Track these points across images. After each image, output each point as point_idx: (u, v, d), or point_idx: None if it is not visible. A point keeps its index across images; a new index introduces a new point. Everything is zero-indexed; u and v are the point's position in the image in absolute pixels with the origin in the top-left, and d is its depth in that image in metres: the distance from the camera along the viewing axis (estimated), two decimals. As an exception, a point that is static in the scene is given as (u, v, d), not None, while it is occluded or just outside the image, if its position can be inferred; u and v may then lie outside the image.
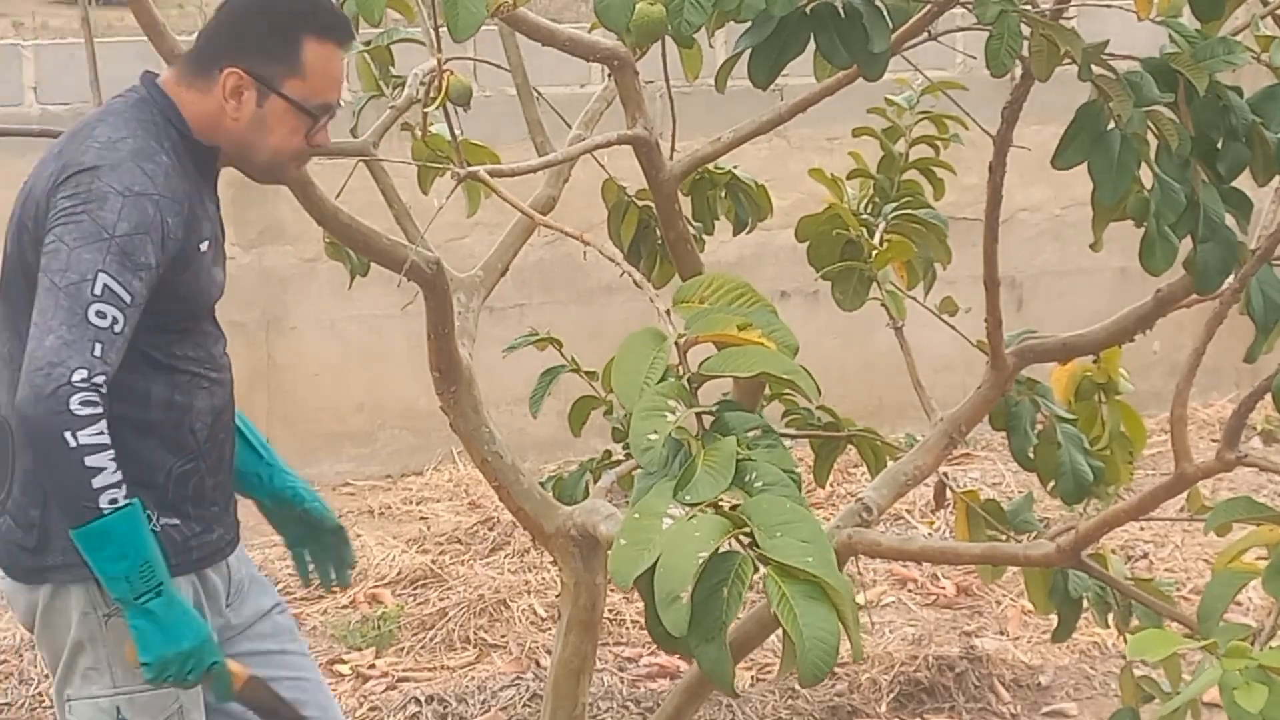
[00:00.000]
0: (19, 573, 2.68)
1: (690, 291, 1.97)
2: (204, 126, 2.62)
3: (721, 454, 1.77)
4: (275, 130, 2.62)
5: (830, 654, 1.64)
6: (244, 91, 2.59)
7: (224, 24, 2.64)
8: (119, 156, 2.51)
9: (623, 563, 1.70)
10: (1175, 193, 2.41)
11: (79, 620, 2.63)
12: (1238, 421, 2.57)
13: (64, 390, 2.39)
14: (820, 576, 1.65)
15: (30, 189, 2.60)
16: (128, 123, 2.58)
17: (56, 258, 2.45)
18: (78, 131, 2.61)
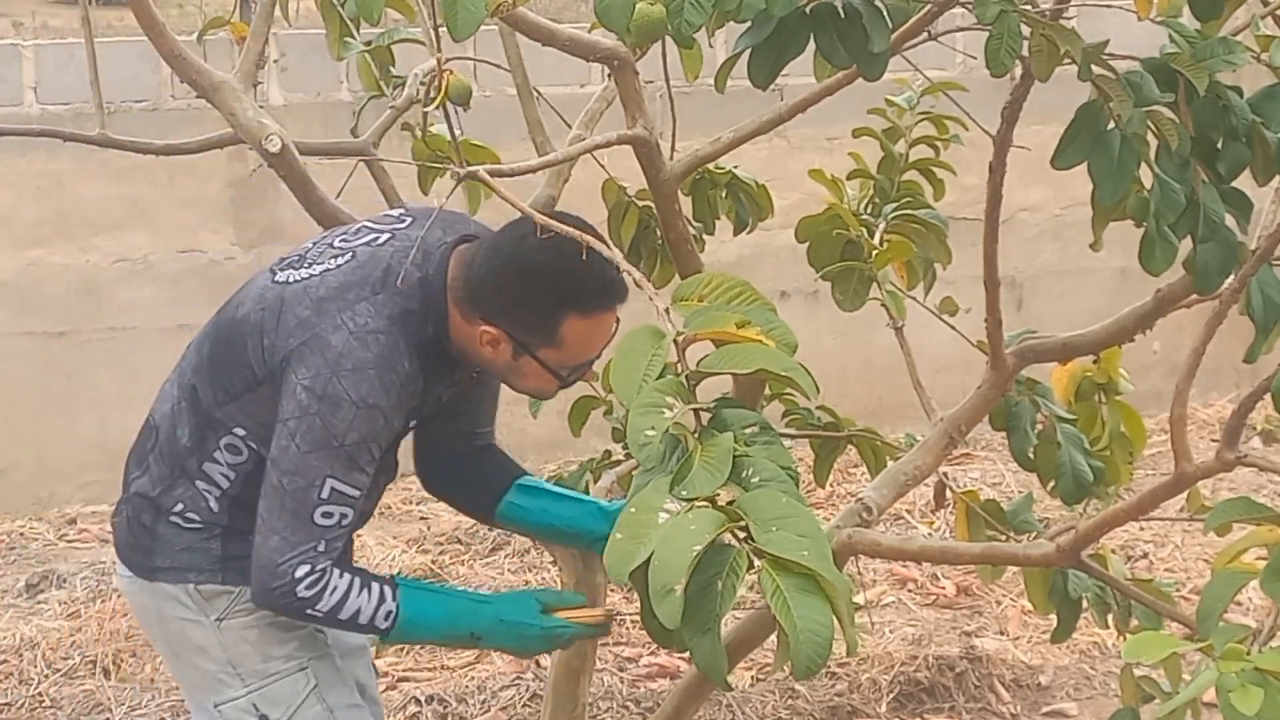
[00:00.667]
0: (135, 567, 2.75)
1: (689, 290, 1.98)
2: (456, 339, 2.58)
3: (718, 450, 1.78)
4: (529, 378, 2.60)
5: (824, 647, 1.64)
6: (500, 344, 2.55)
7: (492, 275, 2.53)
8: (363, 359, 2.47)
9: (618, 556, 1.70)
10: (1175, 193, 2.41)
11: (193, 627, 2.70)
12: (1237, 421, 2.57)
13: (288, 587, 2.50)
14: (815, 570, 1.65)
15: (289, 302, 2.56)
16: (391, 310, 2.51)
17: (286, 457, 2.48)
18: (348, 289, 2.54)
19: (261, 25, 3.12)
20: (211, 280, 6.13)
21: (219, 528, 2.67)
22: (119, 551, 2.80)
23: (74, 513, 5.98)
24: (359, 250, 2.60)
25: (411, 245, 2.57)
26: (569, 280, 2.49)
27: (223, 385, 2.63)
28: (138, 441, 2.81)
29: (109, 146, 3.54)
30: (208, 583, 2.68)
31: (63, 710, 4.46)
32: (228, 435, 2.63)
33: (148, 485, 2.73)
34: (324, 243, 2.67)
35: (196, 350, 2.74)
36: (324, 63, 5.67)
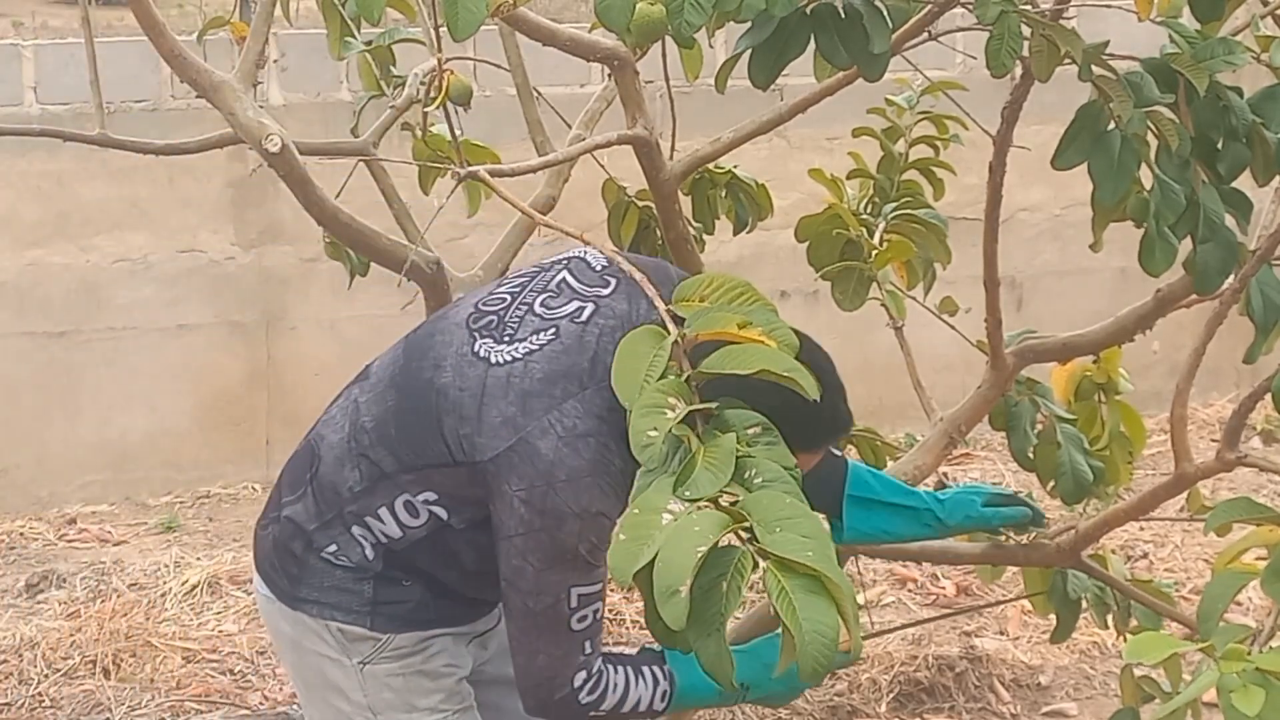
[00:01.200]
0: (279, 592, 2.61)
1: (690, 290, 1.98)
2: None
3: (721, 450, 1.78)
4: None
5: (830, 648, 1.64)
6: None
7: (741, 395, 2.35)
8: (576, 467, 2.31)
9: (622, 558, 1.70)
10: (1175, 193, 2.41)
11: (332, 665, 2.57)
12: (1237, 422, 2.57)
13: (570, 697, 2.44)
14: (820, 571, 1.65)
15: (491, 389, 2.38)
16: (599, 409, 2.33)
17: (523, 578, 2.37)
18: (554, 381, 2.35)
19: (261, 25, 3.12)
20: (211, 280, 6.14)
21: (373, 573, 2.53)
22: (259, 567, 2.65)
23: (74, 513, 5.97)
24: (563, 327, 2.41)
25: (617, 322, 2.40)
26: (799, 424, 2.25)
27: (412, 450, 2.46)
28: (295, 461, 2.66)
29: (109, 146, 3.54)
30: (354, 625, 2.54)
31: (63, 710, 4.46)
32: (405, 495, 2.47)
33: (302, 515, 2.57)
34: (523, 302, 2.47)
35: (380, 398, 2.56)
36: (324, 63, 5.67)
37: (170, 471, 6.15)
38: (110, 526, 5.87)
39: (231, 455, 6.22)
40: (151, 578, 5.30)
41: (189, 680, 4.62)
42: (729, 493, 1.75)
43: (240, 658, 4.78)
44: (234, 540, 5.72)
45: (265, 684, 4.65)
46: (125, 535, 5.80)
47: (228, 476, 6.21)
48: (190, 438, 6.17)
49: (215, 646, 4.84)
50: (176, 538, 5.75)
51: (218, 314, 6.16)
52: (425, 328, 2.63)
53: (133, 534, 5.82)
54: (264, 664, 4.76)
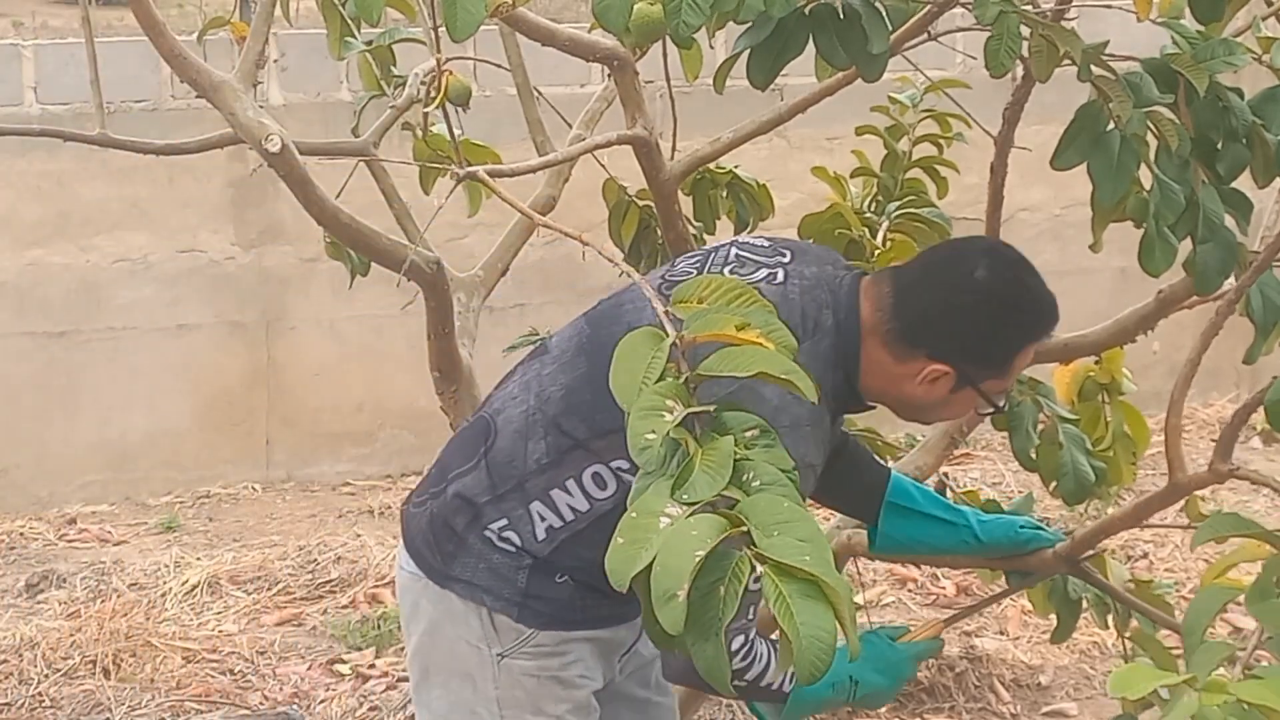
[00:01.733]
0: (428, 569, 2.56)
1: (689, 291, 1.97)
2: (873, 379, 2.46)
3: (719, 453, 1.77)
4: (953, 407, 2.53)
5: (827, 652, 1.64)
6: (940, 380, 2.44)
7: (955, 312, 2.43)
8: (798, 415, 2.31)
9: (620, 561, 1.69)
10: (1175, 193, 2.41)
11: (470, 651, 2.53)
12: (1231, 433, 2.56)
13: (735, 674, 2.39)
14: (818, 575, 1.65)
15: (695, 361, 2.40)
16: (819, 363, 2.37)
17: None
18: None
19: (261, 25, 3.12)
20: (211, 280, 6.14)
21: (533, 559, 2.48)
22: (409, 545, 2.61)
23: (74, 513, 5.97)
24: (763, 289, 2.36)
25: (813, 284, 2.45)
26: (1032, 311, 2.45)
27: (610, 412, 2.31)
28: (464, 438, 2.60)
29: (109, 146, 3.54)
30: (503, 613, 2.50)
31: (63, 710, 4.46)
32: (596, 465, 2.45)
33: (473, 488, 2.52)
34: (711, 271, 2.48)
35: (569, 366, 2.53)
36: (324, 63, 5.67)
37: (170, 471, 6.15)
38: (110, 526, 5.87)
39: (231, 455, 6.22)
40: (151, 578, 5.30)
41: (189, 680, 4.62)
42: (727, 495, 1.75)
43: (240, 658, 4.78)
44: (234, 540, 5.72)
45: (265, 684, 4.66)
46: (125, 535, 5.80)
47: (228, 476, 6.21)
48: (190, 438, 6.17)
49: (215, 646, 4.84)
50: (176, 538, 5.75)
51: (218, 314, 6.16)
52: (607, 302, 2.61)
53: (133, 534, 5.82)
54: (264, 664, 4.76)
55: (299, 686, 4.64)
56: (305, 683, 4.65)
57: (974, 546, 2.80)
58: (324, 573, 5.34)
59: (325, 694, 4.58)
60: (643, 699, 2.75)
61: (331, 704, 4.51)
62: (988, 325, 2.43)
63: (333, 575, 5.32)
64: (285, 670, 4.72)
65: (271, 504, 6.12)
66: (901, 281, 2.48)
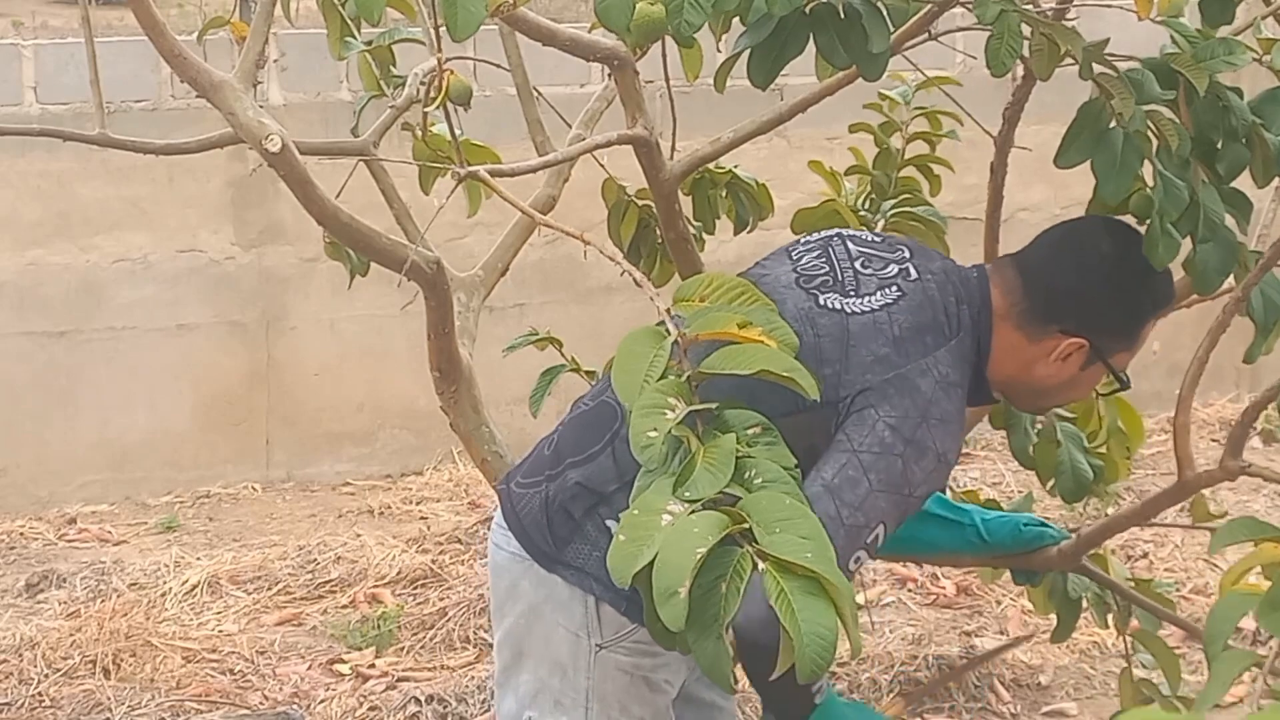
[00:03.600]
0: (535, 552, 2.51)
1: (690, 290, 1.98)
2: (1003, 366, 2.48)
3: (721, 451, 1.78)
4: (1081, 387, 2.54)
5: (828, 649, 1.64)
6: (1073, 355, 2.46)
7: (1095, 285, 2.47)
8: (949, 410, 2.35)
9: (621, 559, 1.70)
10: (1179, 189, 2.41)
11: (568, 639, 2.49)
12: (1241, 430, 2.57)
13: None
14: (819, 572, 1.65)
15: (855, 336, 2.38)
16: (961, 361, 2.41)
17: (854, 490, 2.28)
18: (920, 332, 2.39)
19: (261, 25, 3.12)
20: (211, 280, 6.14)
21: None
22: (513, 525, 2.55)
23: (74, 512, 5.97)
24: (903, 285, 2.45)
25: (943, 279, 2.47)
26: (1158, 281, 2.48)
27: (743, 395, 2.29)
28: (586, 419, 2.55)
29: (109, 146, 3.54)
30: (610, 604, 2.46)
31: (63, 710, 4.46)
32: None
33: (598, 476, 2.47)
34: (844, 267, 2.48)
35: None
36: (324, 63, 5.68)
37: (170, 471, 6.15)
38: (110, 526, 5.87)
39: (231, 455, 6.22)
40: (151, 578, 5.30)
41: (189, 680, 4.62)
42: (729, 493, 1.75)
43: (240, 658, 4.78)
44: (234, 540, 5.72)
45: (265, 684, 4.65)
46: (125, 535, 5.80)
47: (228, 476, 6.21)
48: (190, 438, 6.17)
49: (215, 646, 4.84)
50: (176, 538, 5.75)
51: (218, 314, 6.16)
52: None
53: (133, 534, 5.82)
54: (264, 664, 4.76)
55: (299, 686, 4.63)
56: (305, 683, 4.65)
57: (979, 545, 2.81)
58: (324, 573, 5.34)
59: (325, 694, 4.58)
60: (708, 702, 2.73)
61: (331, 704, 4.51)
62: (1120, 295, 2.46)
63: (333, 575, 5.32)
64: (285, 670, 4.72)
65: (271, 504, 6.12)
66: (1027, 263, 2.51)
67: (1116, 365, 2.51)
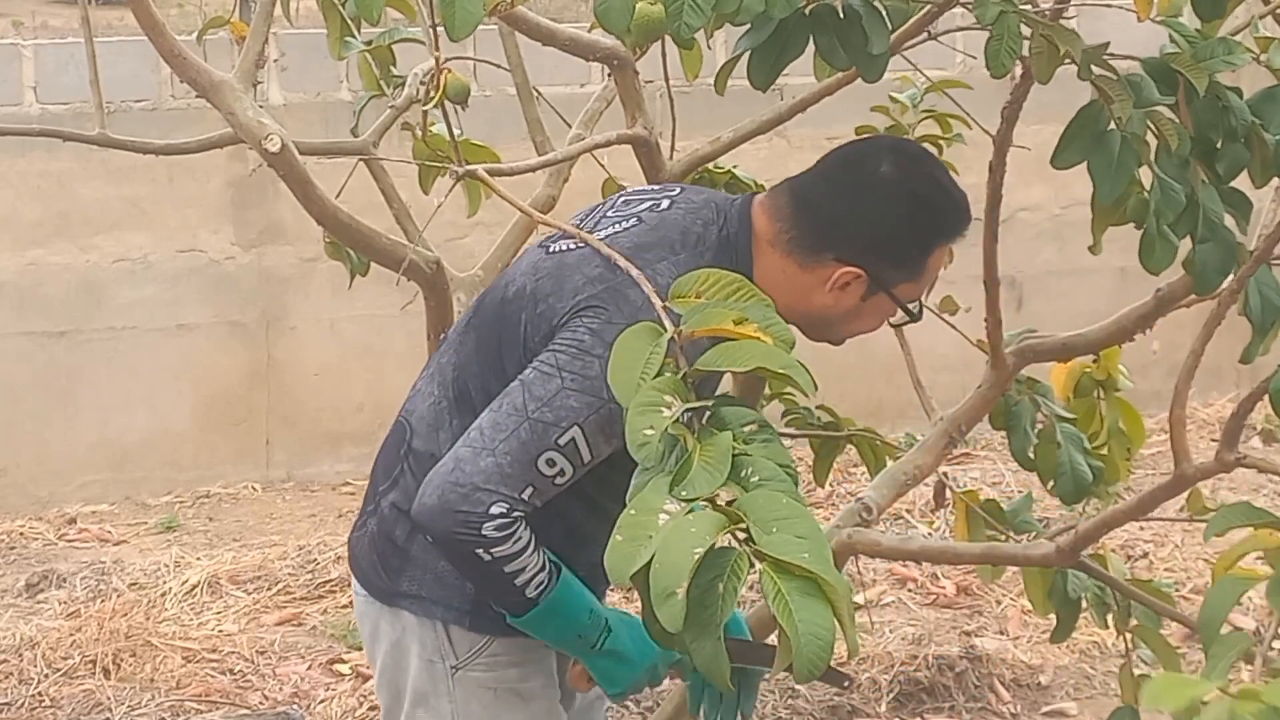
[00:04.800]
0: (375, 591, 2.48)
1: (687, 287, 1.97)
2: (777, 293, 2.24)
3: (718, 449, 1.77)
4: (865, 318, 2.44)
5: (825, 650, 1.64)
6: (852, 285, 2.35)
7: (861, 211, 2.35)
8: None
9: (619, 559, 1.69)
10: (1175, 192, 2.41)
11: (424, 667, 2.45)
12: (1237, 423, 2.57)
13: (476, 518, 2.22)
14: (816, 572, 1.65)
15: (570, 266, 2.33)
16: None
17: (545, 385, 2.23)
18: (646, 248, 2.31)
19: (261, 25, 3.12)
20: (211, 280, 6.14)
21: None
22: (356, 569, 2.53)
23: (74, 513, 5.97)
24: (644, 215, 2.38)
25: (700, 206, 2.37)
26: (945, 207, 2.36)
27: (495, 375, 2.35)
28: (386, 446, 2.53)
29: (109, 146, 3.54)
30: (455, 624, 2.42)
31: (63, 710, 4.46)
32: None
33: (403, 498, 2.42)
34: (595, 215, 2.44)
35: (458, 346, 2.47)
36: (324, 63, 5.67)
37: (170, 471, 6.15)
38: (110, 526, 5.87)
39: (231, 455, 6.22)
40: (151, 578, 5.30)
41: (189, 680, 4.62)
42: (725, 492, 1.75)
43: (240, 658, 4.78)
44: (234, 540, 5.72)
45: (265, 684, 4.66)
46: (125, 535, 5.80)
47: (228, 476, 6.21)
48: (190, 438, 6.18)
49: (215, 646, 4.84)
50: (176, 538, 5.75)
51: (218, 314, 6.16)
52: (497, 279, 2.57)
53: (133, 534, 5.82)
54: (264, 664, 4.76)
55: (299, 686, 4.64)
56: (305, 683, 4.65)
57: None
58: (324, 572, 5.34)
59: (325, 694, 4.58)
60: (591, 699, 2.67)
61: (331, 704, 4.51)
62: (898, 222, 2.34)
63: (333, 575, 5.32)
64: (285, 670, 4.73)
65: (271, 504, 6.12)
66: (800, 187, 2.40)
67: (903, 296, 2.40)
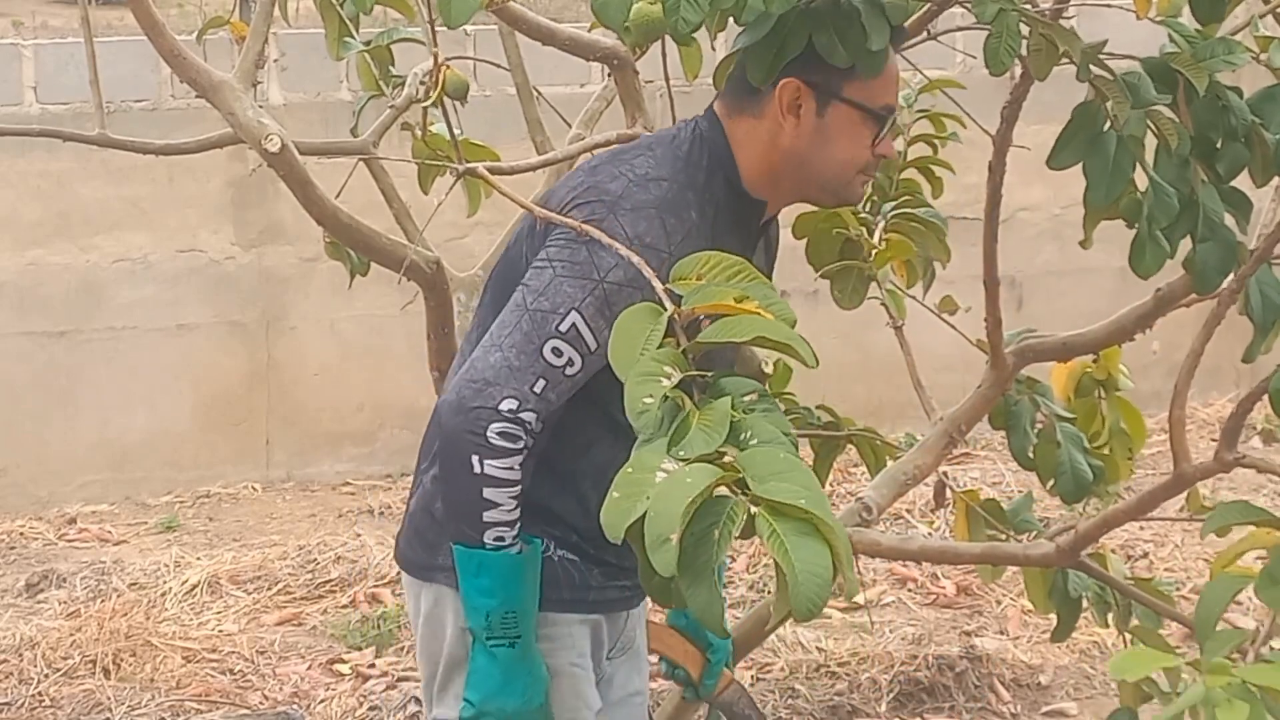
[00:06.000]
0: (411, 566, 2.53)
1: (688, 269, 1.97)
2: (756, 167, 2.40)
3: (716, 414, 1.76)
4: (838, 140, 2.40)
5: (824, 588, 1.61)
6: (802, 103, 2.36)
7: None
8: (645, 199, 2.31)
9: (614, 514, 1.68)
10: (1169, 196, 2.41)
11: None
12: (1236, 423, 2.57)
13: (486, 414, 2.24)
14: (814, 513, 1.63)
15: (550, 194, 2.44)
16: (673, 163, 2.37)
17: (539, 277, 2.29)
18: (621, 153, 2.43)
19: (261, 25, 3.12)
20: (211, 280, 6.14)
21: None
22: (398, 553, 2.58)
23: (74, 512, 5.98)
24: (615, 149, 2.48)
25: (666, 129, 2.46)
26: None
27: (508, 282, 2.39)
28: (427, 431, 2.54)
29: (109, 146, 3.54)
30: None
31: (63, 710, 4.46)
32: None
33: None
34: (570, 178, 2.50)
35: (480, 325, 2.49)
36: (324, 63, 5.67)
37: (170, 471, 6.15)
38: (110, 526, 5.87)
39: (231, 455, 6.22)
40: (151, 577, 5.30)
41: (189, 680, 4.62)
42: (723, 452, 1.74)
43: (240, 658, 4.78)
44: (234, 540, 5.72)
45: (265, 684, 4.66)
46: (125, 535, 5.81)
47: (228, 476, 6.21)
48: (190, 438, 6.18)
49: (215, 646, 4.84)
50: (176, 537, 5.76)
51: (218, 314, 6.17)
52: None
53: (133, 534, 5.82)
54: (264, 664, 4.76)
55: (299, 686, 4.64)
56: (305, 683, 4.66)
57: None
58: (324, 572, 5.34)
59: (325, 694, 4.58)
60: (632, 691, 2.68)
61: (331, 704, 4.51)
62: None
63: (333, 575, 5.32)
64: (285, 670, 4.73)
65: (271, 504, 6.12)
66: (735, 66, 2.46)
67: (855, 97, 2.37)
